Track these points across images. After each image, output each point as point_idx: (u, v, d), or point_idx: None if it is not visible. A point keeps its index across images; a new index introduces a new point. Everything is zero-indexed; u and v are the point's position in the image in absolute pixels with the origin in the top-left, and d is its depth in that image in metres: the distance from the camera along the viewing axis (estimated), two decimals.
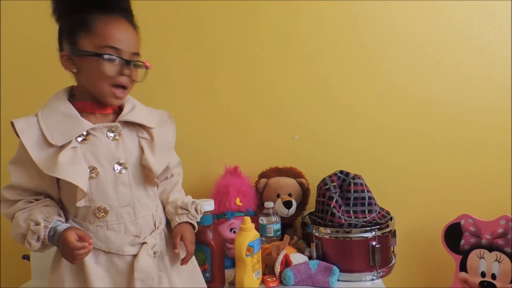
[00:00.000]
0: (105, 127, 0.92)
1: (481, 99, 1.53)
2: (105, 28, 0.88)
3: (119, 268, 0.91)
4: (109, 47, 0.87)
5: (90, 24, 0.87)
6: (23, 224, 0.86)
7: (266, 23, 1.55)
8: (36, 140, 0.87)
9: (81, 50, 0.88)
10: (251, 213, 1.41)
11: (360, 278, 1.24)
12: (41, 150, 0.86)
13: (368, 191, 1.32)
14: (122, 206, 0.92)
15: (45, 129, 0.87)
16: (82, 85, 0.93)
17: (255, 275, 1.18)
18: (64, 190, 0.91)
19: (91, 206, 0.89)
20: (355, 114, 1.56)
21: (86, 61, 0.88)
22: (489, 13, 1.51)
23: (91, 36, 0.87)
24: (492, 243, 1.37)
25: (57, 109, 0.91)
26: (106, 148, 0.90)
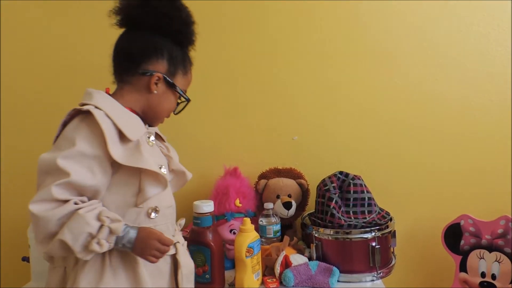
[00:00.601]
0: (148, 133, 0.96)
1: (481, 99, 1.54)
2: (190, 77, 1.03)
3: (161, 270, 0.93)
4: (185, 92, 1.01)
5: (187, 66, 1.00)
6: (94, 222, 0.79)
7: (266, 24, 1.55)
8: (111, 133, 0.85)
9: (174, 84, 0.97)
10: (251, 214, 1.41)
11: (360, 279, 1.24)
12: (115, 144, 0.85)
13: (367, 191, 1.32)
14: (167, 207, 0.95)
15: (119, 123, 0.86)
16: (140, 99, 0.96)
17: (255, 276, 1.18)
18: (116, 191, 0.88)
19: (143, 207, 0.90)
20: (355, 115, 1.56)
21: (169, 94, 0.97)
22: (489, 13, 1.51)
23: (184, 79, 1.00)
24: (492, 243, 1.37)
25: (119, 109, 0.91)
26: (149, 152, 0.92)
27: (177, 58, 0.97)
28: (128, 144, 0.87)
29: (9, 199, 1.53)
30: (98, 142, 0.83)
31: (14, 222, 1.52)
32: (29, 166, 1.52)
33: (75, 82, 1.52)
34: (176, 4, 0.95)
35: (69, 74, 1.53)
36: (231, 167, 1.47)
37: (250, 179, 1.48)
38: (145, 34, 0.94)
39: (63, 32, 1.53)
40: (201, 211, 1.15)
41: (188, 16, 0.97)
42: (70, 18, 1.52)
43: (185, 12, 0.96)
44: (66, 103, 1.50)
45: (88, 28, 1.52)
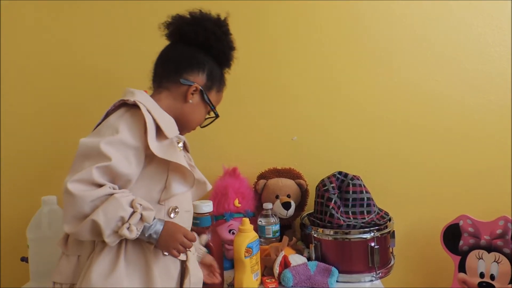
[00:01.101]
0: (178, 138, 0.99)
1: (480, 99, 1.54)
2: (221, 96, 1.11)
3: (171, 274, 0.94)
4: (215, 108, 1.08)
5: (222, 85, 1.10)
6: (128, 208, 0.82)
7: (266, 24, 1.55)
8: (152, 127, 0.90)
9: (208, 98, 1.04)
10: (250, 214, 1.41)
11: (359, 279, 1.24)
12: (155, 139, 0.90)
13: (367, 192, 1.32)
14: (186, 211, 1.00)
15: (160, 121, 0.91)
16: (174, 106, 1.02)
17: (254, 276, 1.18)
18: (143, 185, 0.91)
19: (164, 205, 0.93)
20: (354, 116, 1.56)
21: (201, 106, 1.05)
22: (488, 13, 1.51)
23: (217, 96, 1.08)
24: (490, 244, 1.37)
25: (158, 109, 0.96)
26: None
27: (216, 75, 1.06)
28: (163, 141, 0.92)
29: (9, 199, 1.53)
30: (139, 133, 0.88)
31: (13, 222, 1.52)
32: (29, 166, 1.52)
33: (75, 82, 1.52)
34: (223, 29, 1.06)
35: (69, 74, 1.53)
36: (230, 167, 1.47)
37: (249, 179, 1.48)
38: (192, 48, 1.04)
39: (63, 32, 1.53)
40: (200, 211, 1.15)
41: (231, 41, 1.09)
42: (70, 18, 1.52)
43: (229, 37, 1.08)
44: (66, 103, 1.53)
45: (88, 28, 1.52)
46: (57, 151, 1.51)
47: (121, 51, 1.51)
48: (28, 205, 1.35)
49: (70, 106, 1.54)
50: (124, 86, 1.00)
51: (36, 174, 1.53)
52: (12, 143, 1.53)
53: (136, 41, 1.52)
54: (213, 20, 1.05)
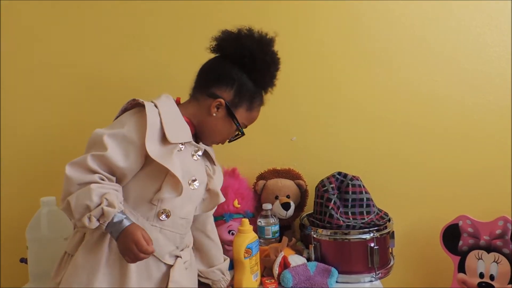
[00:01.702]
0: (194, 146, 1.01)
1: (479, 99, 1.54)
2: (256, 114, 1.09)
3: (151, 274, 0.94)
4: (245, 126, 1.08)
5: (254, 104, 1.06)
6: (96, 199, 0.84)
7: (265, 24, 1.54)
8: (154, 129, 0.92)
9: (235, 116, 1.03)
10: (249, 215, 1.41)
11: (358, 280, 1.24)
12: (154, 140, 0.91)
13: (366, 192, 1.32)
14: (181, 218, 0.99)
15: (165, 124, 0.93)
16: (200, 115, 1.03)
17: (253, 277, 1.18)
18: (139, 182, 0.94)
19: (156, 205, 0.94)
20: (354, 116, 1.56)
21: (226, 121, 1.03)
22: (488, 14, 1.52)
23: (247, 114, 1.06)
24: (490, 244, 1.37)
25: (173, 111, 0.99)
26: (188, 163, 0.99)
27: (246, 93, 1.04)
28: (166, 145, 0.93)
29: (8, 200, 1.53)
30: (143, 132, 0.90)
31: (13, 223, 1.51)
32: (28, 167, 1.52)
33: (75, 82, 1.52)
34: (264, 48, 1.03)
35: (69, 74, 1.53)
36: (229, 168, 1.47)
37: (248, 180, 1.48)
38: (226, 63, 1.03)
39: (63, 32, 1.52)
40: None
41: (272, 61, 1.05)
42: (70, 18, 1.52)
43: (270, 57, 1.05)
44: (67, 103, 1.53)
45: (88, 29, 1.52)
46: (56, 152, 1.51)
47: (122, 51, 1.51)
48: (27, 206, 1.34)
49: (70, 106, 1.53)
50: (125, 87, 1.01)
51: (35, 175, 1.53)
52: (11, 144, 1.53)
53: (137, 41, 1.52)
54: (256, 37, 1.04)
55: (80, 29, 1.52)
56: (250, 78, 1.04)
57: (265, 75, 1.06)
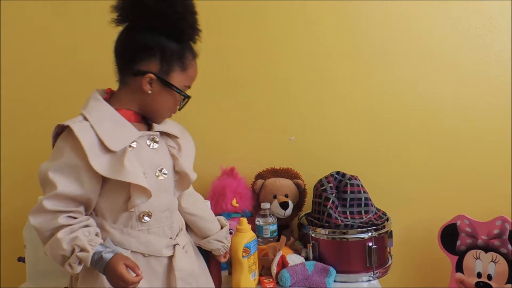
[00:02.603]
0: (147, 135, 0.95)
1: (478, 100, 1.54)
2: (193, 70, 0.98)
3: (155, 270, 0.94)
4: (188, 87, 0.99)
5: (185, 61, 0.95)
6: (67, 248, 0.83)
7: (263, 24, 1.55)
8: (93, 145, 0.86)
9: (170, 83, 0.93)
10: (248, 214, 1.41)
11: (356, 279, 1.24)
12: (99, 156, 0.85)
13: (364, 192, 1.32)
14: (162, 211, 0.96)
15: (102, 134, 0.87)
16: (136, 98, 0.95)
17: (251, 276, 1.18)
18: (107, 197, 0.90)
19: (135, 211, 0.92)
20: (352, 116, 1.56)
21: (166, 92, 0.94)
22: (487, 14, 1.52)
23: (183, 75, 0.95)
24: (488, 243, 1.37)
25: (105, 114, 0.91)
26: (148, 155, 0.94)
27: (173, 55, 0.92)
28: (113, 154, 0.87)
29: (6, 199, 1.53)
30: (83, 154, 0.84)
31: (11, 223, 1.51)
32: (28, 166, 1.52)
33: (75, 82, 1.51)
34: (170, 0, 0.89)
35: (69, 74, 1.52)
36: (228, 167, 1.47)
37: (247, 179, 1.48)
38: (137, 33, 0.91)
39: (63, 32, 1.52)
40: None
41: (184, 10, 0.91)
42: (70, 18, 1.51)
43: (180, 6, 0.90)
44: (67, 103, 1.52)
45: (89, 28, 1.51)
46: None
47: None
48: (25, 205, 1.34)
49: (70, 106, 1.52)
50: None
51: (33, 174, 1.51)
52: (11, 143, 1.53)
53: None
54: None
55: (81, 29, 1.52)
56: (169, 37, 0.92)
57: (183, 27, 0.91)
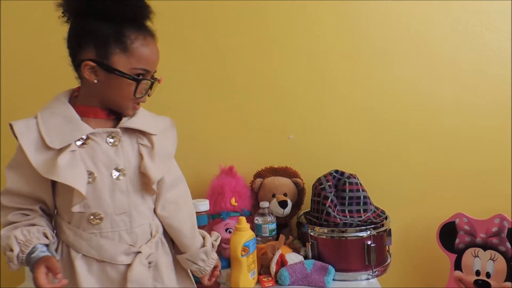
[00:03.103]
0: (105, 132, 0.89)
1: (476, 99, 1.54)
2: (142, 50, 0.87)
3: (111, 278, 0.89)
4: (142, 69, 0.88)
5: (127, 41, 0.86)
6: (3, 244, 0.85)
7: (262, 23, 1.54)
8: (34, 143, 0.85)
9: (113, 68, 0.86)
10: (247, 213, 1.41)
11: (355, 278, 1.24)
12: (39, 153, 0.84)
13: (363, 190, 1.32)
14: (118, 214, 0.89)
15: (44, 131, 0.85)
16: (95, 93, 0.90)
17: (250, 275, 1.18)
18: (60, 195, 0.89)
19: (85, 212, 0.87)
20: (351, 115, 1.56)
21: (115, 79, 0.87)
22: (485, 13, 1.52)
23: (127, 56, 0.86)
24: (486, 241, 1.37)
25: (58, 111, 0.89)
26: (105, 154, 0.88)
27: (108, 37, 0.85)
28: (51, 152, 0.85)
29: None
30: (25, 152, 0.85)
31: None
32: None
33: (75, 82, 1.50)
34: None
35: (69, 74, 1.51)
36: (226, 166, 1.46)
37: (245, 178, 1.48)
38: (72, 23, 0.89)
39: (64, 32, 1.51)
40: (197, 210, 1.15)
41: None
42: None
43: None
44: None
45: None
46: None
47: None
48: None
49: None
50: None
51: None
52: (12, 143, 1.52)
53: None
54: None
55: None
56: (101, 19, 0.85)
57: (115, 8, 0.85)
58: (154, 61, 0.91)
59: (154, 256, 0.93)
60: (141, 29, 0.88)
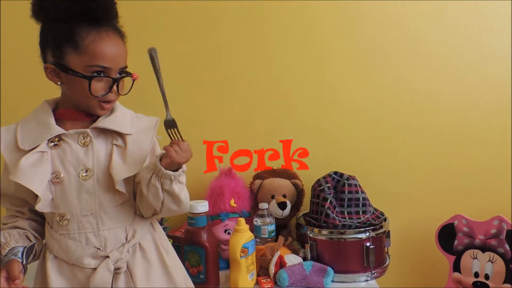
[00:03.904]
0: (77, 133, 0.89)
1: (475, 100, 1.55)
2: (95, 46, 0.84)
3: (80, 281, 0.89)
4: (98, 66, 0.85)
5: (78, 40, 0.84)
6: None
7: (261, 24, 1.55)
8: (10, 145, 0.88)
9: (67, 68, 0.85)
10: (246, 214, 1.41)
11: (354, 279, 1.24)
12: (13, 155, 0.87)
13: (362, 192, 1.32)
14: (84, 215, 0.88)
15: (19, 134, 0.89)
16: (67, 95, 0.91)
17: (249, 276, 1.18)
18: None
19: (55, 213, 0.88)
20: (350, 116, 1.56)
21: (72, 79, 0.86)
22: (484, 14, 1.52)
23: (79, 55, 0.84)
24: (485, 243, 1.38)
25: (35, 116, 0.92)
26: (74, 154, 0.88)
27: (61, 37, 0.84)
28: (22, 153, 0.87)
29: None
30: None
31: None
32: None
33: None
34: None
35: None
36: (226, 167, 1.46)
37: (245, 179, 1.48)
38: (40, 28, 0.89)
39: None
40: (196, 211, 1.15)
41: None
42: None
43: None
44: None
45: None
46: None
47: None
48: None
49: None
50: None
51: None
52: None
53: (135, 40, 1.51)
54: None
55: None
56: (51, 21, 0.86)
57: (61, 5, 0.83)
58: (113, 56, 0.87)
59: (123, 262, 0.90)
60: (93, 26, 0.85)
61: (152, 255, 0.95)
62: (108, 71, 0.87)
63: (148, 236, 0.97)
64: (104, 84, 0.87)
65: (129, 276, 0.91)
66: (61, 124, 0.90)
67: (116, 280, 0.89)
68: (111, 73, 0.87)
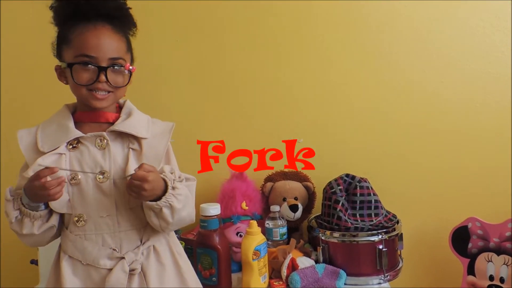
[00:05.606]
0: (94, 136, 0.92)
1: (486, 100, 1.53)
2: (80, 38, 0.89)
3: (95, 281, 0.90)
4: (83, 55, 0.88)
5: (68, 35, 0.90)
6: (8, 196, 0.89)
7: (267, 25, 1.55)
8: (30, 147, 0.91)
9: (64, 63, 0.91)
10: (257, 217, 1.41)
11: (367, 282, 1.24)
12: (33, 157, 0.89)
13: (374, 194, 1.32)
14: (101, 217, 0.90)
15: (39, 137, 0.92)
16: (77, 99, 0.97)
17: (261, 279, 1.18)
18: None
19: (72, 214, 0.90)
20: (361, 118, 1.56)
21: (67, 72, 0.91)
22: (493, 14, 1.51)
23: (69, 48, 0.90)
24: (500, 246, 1.36)
25: (56, 120, 0.95)
26: (91, 157, 0.91)
27: (58, 38, 0.93)
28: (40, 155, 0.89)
29: None
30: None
31: None
32: None
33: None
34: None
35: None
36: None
37: (256, 182, 1.48)
38: None
39: None
40: (208, 214, 1.16)
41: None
42: None
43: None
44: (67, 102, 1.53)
45: None
46: None
47: None
48: None
49: None
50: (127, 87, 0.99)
51: None
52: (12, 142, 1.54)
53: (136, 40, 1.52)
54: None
55: None
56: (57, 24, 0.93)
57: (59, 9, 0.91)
58: (97, 45, 0.89)
59: (138, 263, 0.91)
60: (83, 22, 0.89)
61: (166, 258, 0.97)
62: (95, 60, 0.89)
63: (162, 240, 0.98)
64: (91, 74, 0.89)
65: (143, 277, 0.92)
66: (79, 127, 0.93)
67: (130, 281, 0.90)
68: (99, 62, 0.89)
